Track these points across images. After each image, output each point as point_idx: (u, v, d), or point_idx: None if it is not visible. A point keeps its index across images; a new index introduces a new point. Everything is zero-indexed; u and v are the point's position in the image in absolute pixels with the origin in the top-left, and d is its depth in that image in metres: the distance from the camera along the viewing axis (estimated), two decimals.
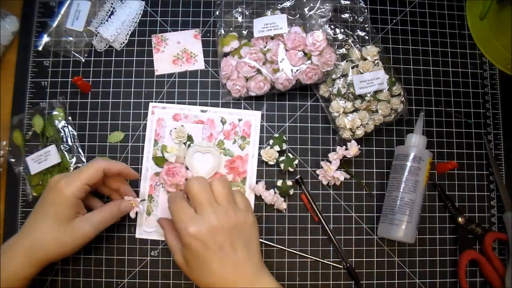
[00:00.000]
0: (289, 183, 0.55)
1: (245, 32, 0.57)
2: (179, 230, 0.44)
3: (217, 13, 0.58)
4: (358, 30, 0.58)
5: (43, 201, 0.48)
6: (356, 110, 0.55)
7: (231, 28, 0.57)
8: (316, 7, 0.56)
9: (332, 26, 0.58)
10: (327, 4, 0.56)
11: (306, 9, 0.56)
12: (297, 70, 0.54)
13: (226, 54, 0.56)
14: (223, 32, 0.57)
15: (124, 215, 0.52)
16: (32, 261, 0.46)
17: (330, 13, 0.56)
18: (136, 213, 0.52)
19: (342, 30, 0.58)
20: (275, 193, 0.55)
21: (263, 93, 0.56)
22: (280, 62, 0.54)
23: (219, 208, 0.45)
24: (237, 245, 0.44)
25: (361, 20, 0.58)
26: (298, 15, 0.56)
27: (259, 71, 0.55)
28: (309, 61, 0.54)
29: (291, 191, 0.55)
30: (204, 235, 0.43)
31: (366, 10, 0.58)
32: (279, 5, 0.58)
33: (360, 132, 0.55)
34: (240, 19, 0.57)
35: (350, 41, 0.57)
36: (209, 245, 0.43)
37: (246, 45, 0.56)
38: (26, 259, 0.46)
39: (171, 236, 0.48)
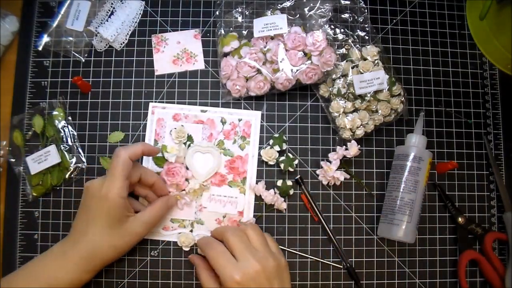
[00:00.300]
0: (289, 183, 0.55)
1: (245, 32, 0.57)
2: (223, 276, 0.45)
3: (217, 13, 0.58)
4: (358, 30, 0.58)
5: (89, 208, 0.48)
6: (356, 110, 0.55)
7: (231, 28, 0.57)
8: (316, 7, 0.56)
9: (332, 26, 0.58)
10: (327, 4, 0.56)
11: (306, 9, 0.56)
12: (297, 70, 0.54)
13: (226, 54, 0.56)
14: (223, 32, 0.57)
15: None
16: (90, 268, 0.47)
17: (330, 13, 0.56)
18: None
19: (342, 30, 0.58)
20: (275, 193, 0.55)
21: (263, 93, 0.55)
22: (280, 62, 0.54)
23: (258, 254, 0.47)
24: (275, 286, 0.46)
25: (361, 20, 0.58)
26: (298, 15, 0.56)
27: (259, 71, 0.55)
28: (309, 61, 0.54)
29: (291, 191, 0.55)
30: (249, 281, 0.45)
31: (366, 10, 0.58)
32: (279, 5, 0.58)
33: (360, 132, 0.55)
34: (240, 19, 0.57)
35: (350, 41, 0.57)
36: None
37: (246, 45, 0.56)
38: (83, 266, 0.47)
39: (205, 274, 0.49)
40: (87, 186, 0.49)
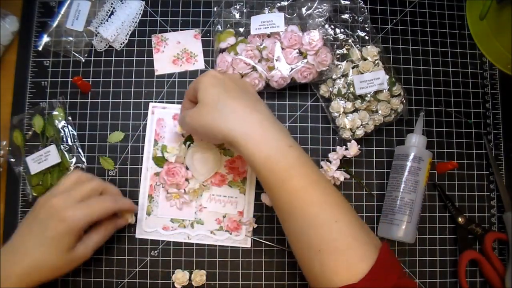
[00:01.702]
0: None
1: (242, 30, 0.57)
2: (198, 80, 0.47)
3: (215, 9, 0.58)
4: (358, 30, 0.58)
5: (41, 225, 0.45)
6: (356, 110, 0.55)
7: (228, 25, 0.57)
8: (313, 7, 0.56)
9: (333, 26, 0.58)
10: (324, 4, 0.56)
11: (304, 9, 0.56)
12: (292, 69, 0.54)
13: (222, 50, 0.56)
14: (220, 28, 0.57)
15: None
16: (28, 284, 0.45)
17: (327, 13, 0.56)
18: (136, 215, 0.54)
19: (342, 30, 0.58)
20: None
21: (258, 90, 0.55)
22: (276, 60, 0.54)
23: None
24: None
25: (361, 20, 0.58)
26: (295, 14, 0.57)
27: (254, 68, 0.55)
28: (305, 60, 0.54)
29: None
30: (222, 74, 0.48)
31: (366, 10, 0.58)
32: (277, 3, 0.58)
33: (360, 132, 0.55)
34: (237, 16, 0.57)
35: (350, 41, 0.57)
36: None
37: (242, 42, 0.56)
38: (21, 280, 0.44)
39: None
40: (46, 202, 0.46)
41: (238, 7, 0.58)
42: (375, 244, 0.41)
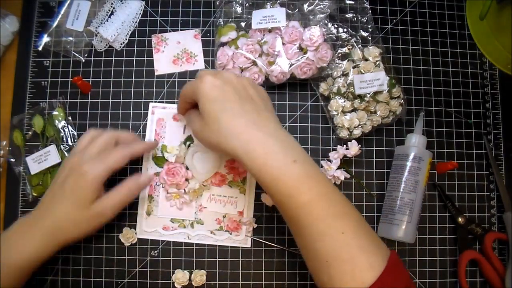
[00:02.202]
0: None
1: (243, 24, 0.57)
2: (196, 89, 0.46)
3: (217, 3, 0.58)
4: (361, 31, 0.58)
5: (62, 182, 0.48)
6: (354, 110, 0.55)
7: (230, 19, 0.57)
8: (315, 3, 0.56)
9: (335, 25, 0.58)
10: (326, 1, 0.56)
11: (305, 5, 0.57)
12: (292, 64, 0.54)
13: (223, 44, 0.56)
14: (221, 22, 0.57)
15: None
16: (53, 243, 0.47)
17: (329, 10, 0.56)
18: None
19: (345, 29, 0.58)
20: None
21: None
22: (276, 54, 0.54)
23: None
24: (251, 91, 0.48)
25: (365, 20, 0.58)
26: (297, 10, 0.57)
27: (254, 63, 0.55)
28: (305, 56, 0.54)
29: None
30: (224, 82, 0.46)
31: (370, 11, 0.58)
32: None
33: (357, 132, 0.55)
34: (239, 10, 0.57)
35: (352, 40, 0.57)
36: None
37: (243, 36, 0.56)
38: (46, 240, 0.46)
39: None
40: (65, 164, 0.49)
41: (240, 1, 0.58)
42: (383, 254, 0.41)
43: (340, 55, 0.56)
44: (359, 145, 0.55)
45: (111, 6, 0.59)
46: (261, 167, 0.42)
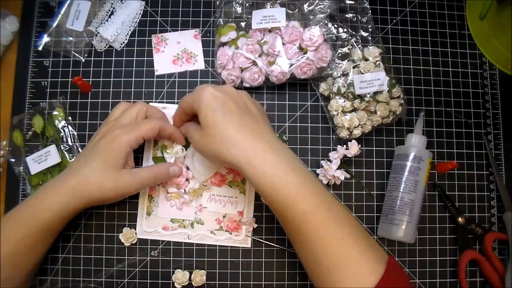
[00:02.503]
0: None
1: (243, 24, 0.57)
2: (198, 100, 0.47)
3: (217, 3, 0.58)
4: (361, 31, 0.58)
5: (93, 145, 0.49)
6: (354, 109, 0.55)
7: (230, 19, 0.57)
8: (315, 3, 0.56)
9: (335, 25, 0.58)
10: (326, 1, 0.56)
11: (305, 5, 0.57)
12: (292, 64, 0.54)
13: (223, 44, 0.56)
14: (221, 22, 0.57)
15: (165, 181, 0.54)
16: (78, 200, 0.47)
17: (329, 10, 0.56)
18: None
19: (345, 29, 0.58)
20: None
21: (257, 84, 0.56)
22: (276, 55, 0.54)
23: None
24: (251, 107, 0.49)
25: (365, 20, 0.58)
26: (297, 10, 0.57)
27: (254, 63, 0.55)
28: (305, 56, 0.54)
29: None
30: (224, 94, 0.47)
31: (370, 11, 0.58)
32: None
33: (357, 132, 0.55)
34: (239, 10, 0.58)
35: (352, 40, 0.57)
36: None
37: (243, 36, 0.56)
38: (71, 197, 0.47)
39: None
40: (99, 129, 0.51)
41: (240, 1, 0.58)
42: (381, 258, 0.42)
43: (340, 55, 0.56)
44: (359, 145, 0.55)
45: (111, 6, 0.59)
46: (261, 176, 0.43)
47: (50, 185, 0.48)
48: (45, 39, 0.58)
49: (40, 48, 0.58)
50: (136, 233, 0.55)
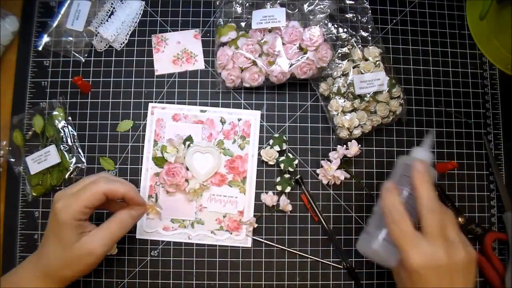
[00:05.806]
0: (287, 175, 0.55)
1: (243, 24, 0.57)
2: (402, 253, 0.41)
3: (217, 3, 0.58)
4: (361, 31, 0.58)
5: (48, 223, 0.46)
6: (354, 109, 0.55)
7: (230, 19, 0.57)
8: (315, 3, 0.56)
9: (336, 25, 0.58)
10: (326, 1, 0.56)
11: (305, 5, 0.57)
12: (292, 64, 0.54)
13: (223, 44, 0.56)
14: (221, 22, 0.57)
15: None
16: (53, 284, 0.45)
17: (329, 10, 0.56)
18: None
19: (345, 29, 0.58)
20: (273, 193, 0.55)
21: (257, 84, 0.56)
22: (276, 55, 0.54)
23: (449, 244, 0.41)
24: (457, 286, 0.41)
25: (365, 20, 0.58)
26: (297, 10, 0.57)
27: (254, 63, 0.55)
28: (305, 56, 0.54)
29: (288, 189, 0.55)
30: (430, 271, 0.40)
31: (370, 11, 0.58)
32: None
33: (357, 132, 0.55)
34: (239, 10, 0.58)
35: (352, 40, 0.57)
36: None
37: (243, 36, 0.56)
38: (46, 282, 0.45)
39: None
40: (55, 194, 0.46)
41: (240, 1, 0.58)
42: None
43: (340, 55, 0.56)
44: (359, 145, 0.55)
45: (111, 6, 0.59)
46: None
47: (26, 266, 0.46)
48: (45, 39, 0.58)
49: (40, 48, 0.58)
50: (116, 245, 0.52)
